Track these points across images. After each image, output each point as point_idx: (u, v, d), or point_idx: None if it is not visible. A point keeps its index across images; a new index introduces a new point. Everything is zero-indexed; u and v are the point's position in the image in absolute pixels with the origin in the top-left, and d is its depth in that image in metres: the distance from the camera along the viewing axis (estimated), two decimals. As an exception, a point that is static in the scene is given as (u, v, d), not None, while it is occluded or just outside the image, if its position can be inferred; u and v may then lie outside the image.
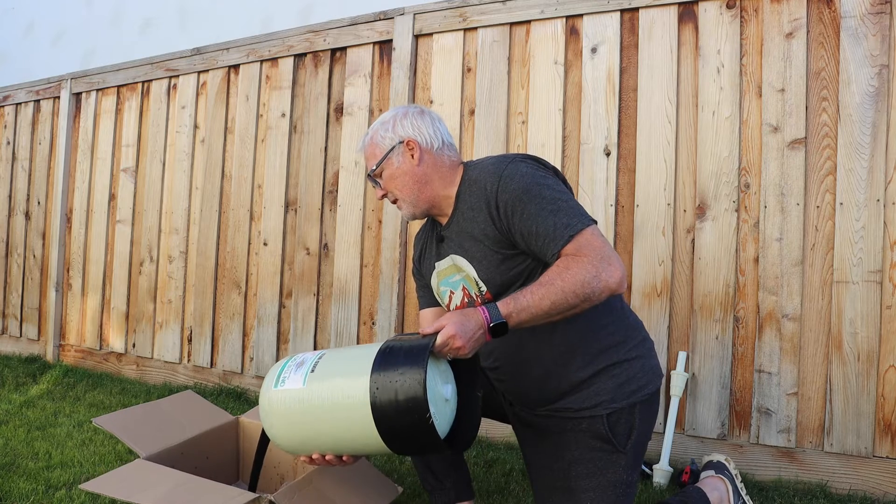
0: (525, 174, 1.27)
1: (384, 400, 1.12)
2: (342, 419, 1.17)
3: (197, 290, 3.13)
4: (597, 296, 1.16)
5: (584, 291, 1.14)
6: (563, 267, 1.17)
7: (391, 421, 1.12)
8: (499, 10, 2.44)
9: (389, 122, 1.42)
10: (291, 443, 1.26)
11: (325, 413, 1.19)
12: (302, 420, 1.22)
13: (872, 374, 1.90)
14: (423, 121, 1.41)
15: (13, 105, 3.98)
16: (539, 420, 1.36)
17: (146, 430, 1.63)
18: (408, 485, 1.86)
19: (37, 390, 2.97)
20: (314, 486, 1.40)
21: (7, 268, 3.97)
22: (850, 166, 1.94)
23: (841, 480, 1.92)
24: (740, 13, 2.09)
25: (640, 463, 1.36)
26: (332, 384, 1.19)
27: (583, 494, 1.27)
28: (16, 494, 1.74)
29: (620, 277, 1.17)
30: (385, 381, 1.12)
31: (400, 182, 1.40)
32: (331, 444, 1.21)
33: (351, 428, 1.17)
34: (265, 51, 2.99)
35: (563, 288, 1.14)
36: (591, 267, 1.15)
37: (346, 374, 1.18)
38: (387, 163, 1.41)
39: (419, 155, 1.38)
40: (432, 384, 1.14)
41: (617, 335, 1.33)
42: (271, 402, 1.25)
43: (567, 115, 2.33)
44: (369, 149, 1.44)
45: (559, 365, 1.31)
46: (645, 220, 2.19)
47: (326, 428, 1.20)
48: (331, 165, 2.81)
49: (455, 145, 1.47)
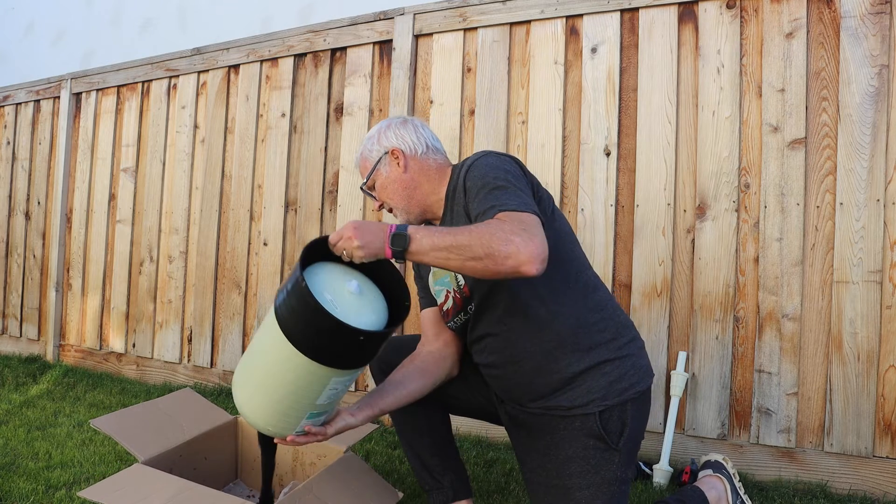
0: (490, 164, 1.29)
1: (281, 306, 1.18)
2: (265, 351, 1.24)
3: (197, 290, 3.13)
4: (501, 258, 1.08)
5: (490, 247, 1.09)
6: (484, 222, 1.15)
7: (289, 321, 1.16)
8: (499, 10, 2.44)
9: (375, 136, 1.49)
10: (251, 407, 1.29)
11: (256, 356, 1.27)
12: (246, 376, 1.29)
13: (872, 374, 1.90)
14: (406, 129, 1.47)
15: (13, 105, 3.98)
16: (532, 419, 1.36)
17: (144, 432, 1.62)
18: (408, 485, 1.86)
19: (37, 390, 2.97)
20: (314, 495, 1.40)
21: (7, 268, 3.97)
22: (850, 166, 1.94)
23: (841, 480, 1.92)
24: (740, 13, 2.09)
25: (634, 460, 1.37)
26: (257, 334, 1.30)
27: (578, 493, 1.28)
28: (16, 494, 1.74)
29: (534, 253, 1.08)
30: (281, 295, 1.19)
31: (391, 190, 1.45)
32: (273, 387, 1.24)
33: (275, 356, 1.21)
34: (265, 51, 2.99)
35: (472, 234, 1.11)
36: (509, 231, 1.10)
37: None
38: (376, 174, 1.47)
39: (404, 162, 1.44)
40: (328, 281, 1.19)
41: (607, 332, 1.33)
42: (233, 383, 1.34)
43: (567, 115, 2.34)
44: (361, 164, 1.51)
45: (550, 360, 1.31)
46: (645, 220, 2.19)
47: (261, 371, 1.25)
48: (331, 165, 2.81)
49: (441, 148, 1.50)
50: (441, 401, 1.56)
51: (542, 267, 1.09)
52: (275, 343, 1.21)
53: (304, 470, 1.73)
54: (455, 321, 1.45)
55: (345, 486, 1.48)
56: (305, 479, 1.71)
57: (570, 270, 1.34)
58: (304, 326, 1.15)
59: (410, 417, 1.54)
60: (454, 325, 1.46)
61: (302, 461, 1.74)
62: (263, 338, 1.25)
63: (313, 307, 1.11)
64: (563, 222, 1.39)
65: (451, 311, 1.44)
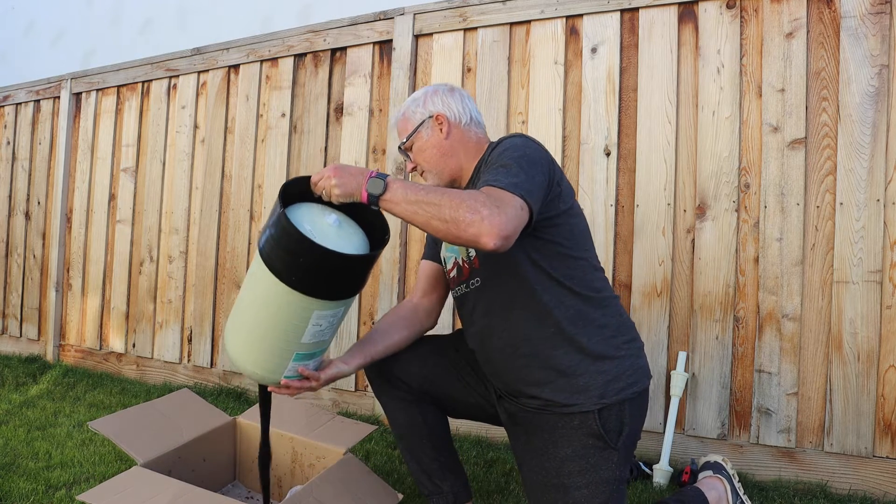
0: (514, 145, 1.30)
1: (262, 239, 1.24)
2: (249, 287, 1.29)
3: (197, 290, 3.13)
4: (464, 225, 1.09)
5: (457, 212, 1.10)
6: (465, 190, 1.17)
7: (269, 251, 1.21)
8: (499, 10, 2.44)
9: (420, 98, 1.49)
10: (238, 349, 1.32)
11: (242, 297, 1.31)
12: (233, 320, 1.34)
13: (872, 374, 1.90)
14: (453, 97, 1.48)
15: (13, 105, 3.98)
16: (530, 416, 1.36)
17: (143, 434, 1.62)
18: (408, 485, 1.86)
19: (37, 390, 2.98)
20: (314, 497, 1.40)
21: (7, 268, 3.97)
22: (850, 166, 1.93)
23: (841, 480, 1.92)
24: (740, 13, 2.09)
25: (630, 461, 1.37)
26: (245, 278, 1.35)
27: (576, 492, 1.28)
28: (16, 494, 1.74)
29: (496, 228, 1.08)
30: (264, 231, 1.24)
31: (428, 154, 1.47)
32: (258, 322, 1.27)
33: (258, 290, 1.26)
34: (265, 51, 2.99)
35: (444, 196, 1.13)
36: (481, 203, 1.11)
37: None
38: (416, 136, 1.48)
39: (447, 129, 1.45)
40: (308, 215, 1.25)
41: (607, 329, 1.34)
42: (224, 334, 1.40)
43: (567, 114, 2.33)
44: (401, 123, 1.51)
45: (548, 346, 1.32)
46: (645, 220, 2.19)
47: (246, 308, 1.29)
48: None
49: (482, 123, 1.53)
50: (440, 405, 1.57)
51: (501, 243, 1.09)
52: (258, 278, 1.25)
53: (304, 471, 1.73)
54: (457, 290, 1.47)
55: (345, 488, 1.48)
56: (305, 480, 1.71)
57: (578, 265, 1.35)
58: (283, 253, 1.19)
59: (408, 422, 1.54)
60: (456, 295, 1.48)
61: (301, 462, 1.74)
62: (248, 277, 1.30)
63: (290, 233, 1.16)
64: (581, 220, 1.40)
65: (455, 280, 1.47)
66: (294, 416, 1.79)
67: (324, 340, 1.33)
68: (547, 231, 1.31)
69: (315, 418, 1.79)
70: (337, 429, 1.75)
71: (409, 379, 1.53)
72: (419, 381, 1.53)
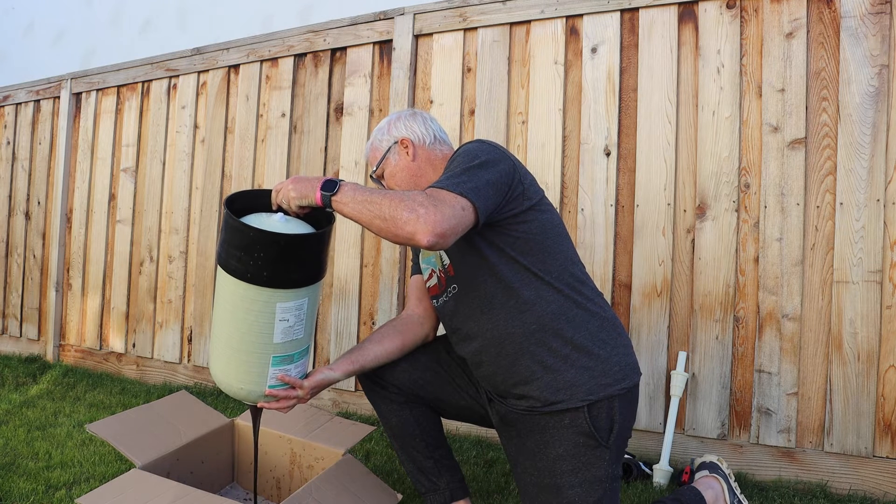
0: (466, 151, 1.32)
1: (218, 251, 1.30)
2: (216, 301, 1.33)
3: (197, 290, 3.13)
4: (401, 223, 1.13)
5: (396, 210, 1.14)
6: (408, 191, 1.21)
7: (221, 253, 1.27)
8: (499, 10, 2.43)
9: (385, 127, 1.57)
10: (219, 366, 1.35)
11: (214, 313, 1.35)
12: (212, 340, 1.37)
13: (872, 374, 1.90)
14: (415, 120, 1.55)
15: (13, 105, 3.98)
16: (521, 418, 1.36)
17: (141, 437, 1.62)
18: (407, 485, 1.86)
19: (37, 390, 2.98)
20: (314, 498, 1.40)
21: (7, 268, 3.97)
22: (850, 166, 1.93)
23: (841, 480, 1.92)
24: (740, 13, 2.09)
25: (622, 457, 1.38)
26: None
27: (569, 491, 1.28)
28: (16, 494, 1.74)
29: (431, 225, 1.12)
30: (218, 246, 1.30)
31: (399, 178, 1.52)
32: (229, 333, 1.31)
33: (221, 297, 1.30)
34: (265, 51, 2.98)
35: (386, 197, 1.17)
36: (420, 202, 1.15)
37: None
38: (385, 162, 1.54)
39: (413, 151, 1.51)
40: (257, 219, 1.29)
41: (591, 324, 1.34)
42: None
43: (567, 114, 2.33)
44: (371, 153, 1.58)
45: (532, 342, 1.32)
46: (645, 220, 2.19)
47: (217, 322, 1.33)
48: (331, 165, 2.81)
49: (447, 139, 1.58)
50: (431, 406, 1.58)
51: (436, 240, 1.13)
52: (221, 287, 1.30)
53: (302, 472, 1.73)
54: (438, 301, 1.48)
55: (344, 489, 1.49)
56: (303, 481, 1.71)
57: (555, 260, 1.35)
58: (235, 251, 1.24)
59: (400, 423, 1.55)
60: (437, 305, 1.49)
61: (300, 464, 1.74)
62: (216, 295, 1.34)
63: (237, 228, 1.22)
64: (553, 215, 1.40)
65: (434, 289, 1.49)
66: (293, 417, 1.79)
67: (297, 339, 1.34)
68: (516, 228, 1.33)
69: (314, 419, 1.79)
70: (336, 429, 1.75)
71: (399, 382, 1.54)
72: (409, 385, 1.54)
